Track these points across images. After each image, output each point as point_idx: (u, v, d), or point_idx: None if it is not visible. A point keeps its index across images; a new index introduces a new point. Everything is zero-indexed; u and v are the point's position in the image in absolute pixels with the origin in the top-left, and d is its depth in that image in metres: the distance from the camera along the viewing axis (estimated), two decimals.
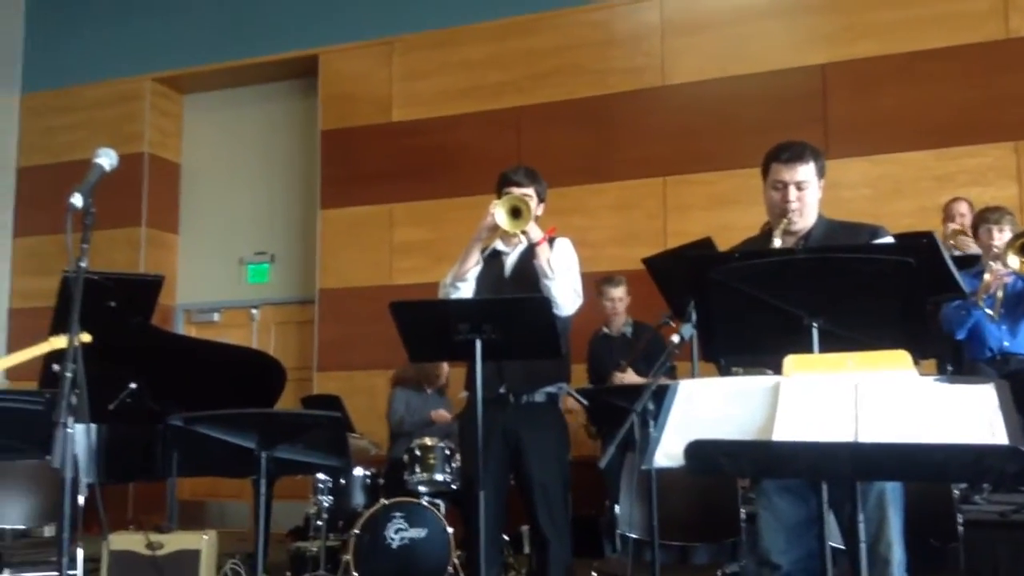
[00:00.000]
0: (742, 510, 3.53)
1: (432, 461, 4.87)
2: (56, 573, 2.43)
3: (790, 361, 1.89)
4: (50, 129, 9.06)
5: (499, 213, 3.40)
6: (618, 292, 5.40)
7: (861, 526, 2.01)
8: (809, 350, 2.27)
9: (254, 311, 8.73)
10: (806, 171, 2.82)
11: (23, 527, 4.62)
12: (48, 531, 4.80)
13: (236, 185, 8.84)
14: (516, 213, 3.41)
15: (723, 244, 3.97)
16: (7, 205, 9.10)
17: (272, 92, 8.79)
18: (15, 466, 4.52)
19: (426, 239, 7.51)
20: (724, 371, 2.90)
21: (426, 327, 3.24)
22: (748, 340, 2.50)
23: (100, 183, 2.52)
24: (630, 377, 4.95)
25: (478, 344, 3.11)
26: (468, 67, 7.68)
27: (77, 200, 2.40)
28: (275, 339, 8.55)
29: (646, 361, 4.87)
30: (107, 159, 2.59)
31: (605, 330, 5.54)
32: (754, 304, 2.37)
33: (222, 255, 8.77)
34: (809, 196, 2.83)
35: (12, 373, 4.51)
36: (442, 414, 5.53)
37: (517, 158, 6.77)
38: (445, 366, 5.75)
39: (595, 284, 5.43)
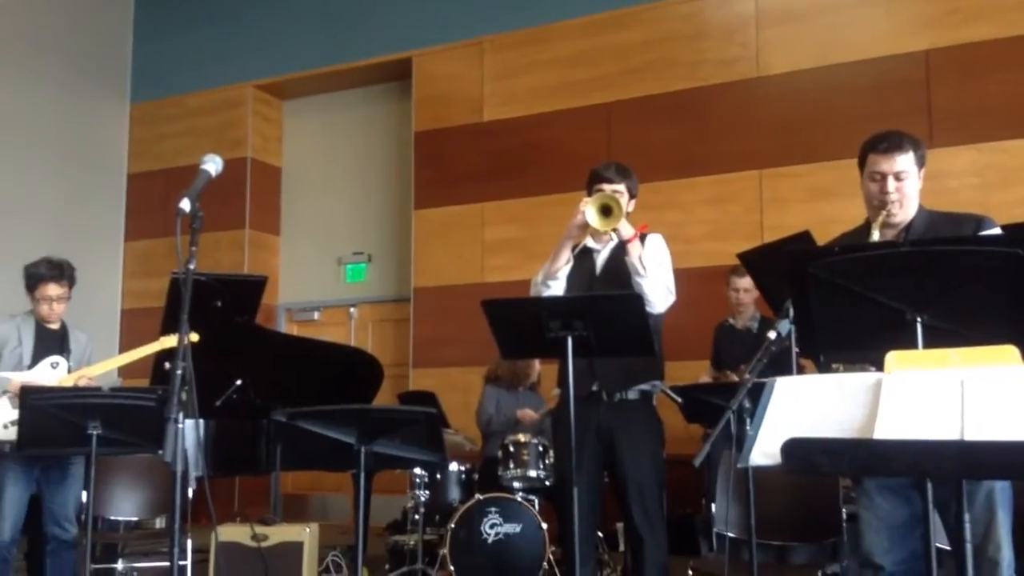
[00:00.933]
0: (844, 509, 3.44)
1: (526, 457, 4.90)
2: (167, 563, 2.49)
3: (892, 357, 1.83)
4: (158, 136, 9.46)
5: (589, 211, 3.36)
6: (744, 282, 5.19)
7: (967, 526, 1.94)
8: (912, 346, 2.19)
9: (352, 309, 8.93)
10: (905, 161, 2.73)
11: (136, 519, 4.83)
12: (159, 523, 5.00)
13: (334, 187, 9.07)
14: (607, 211, 3.36)
15: (822, 238, 3.86)
16: (118, 210, 9.55)
17: (368, 95, 8.98)
18: (129, 460, 4.74)
19: (517, 237, 7.55)
20: (823, 368, 2.84)
21: (518, 324, 3.24)
22: (848, 336, 2.43)
23: (206, 188, 2.61)
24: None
25: (569, 341, 3.10)
26: (558, 64, 7.68)
27: (185, 205, 2.49)
28: (372, 336, 8.74)
29: (773, 363, 4.73)
30: (213, 165, 2.69)
31: (731, 321, 5.43)
32: (855, 299, 2.30)
33: (321, 255, 9.01)
34: (908, 187, 2.74)
35: (125, 371, 4.72)
36: (528, 413, 5.54)
37: (608, 154, 6.75)
38: (536, 364, 5.76)
39: (723, 275, 5.38)
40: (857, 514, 2.71)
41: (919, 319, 2.23)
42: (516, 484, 4.89)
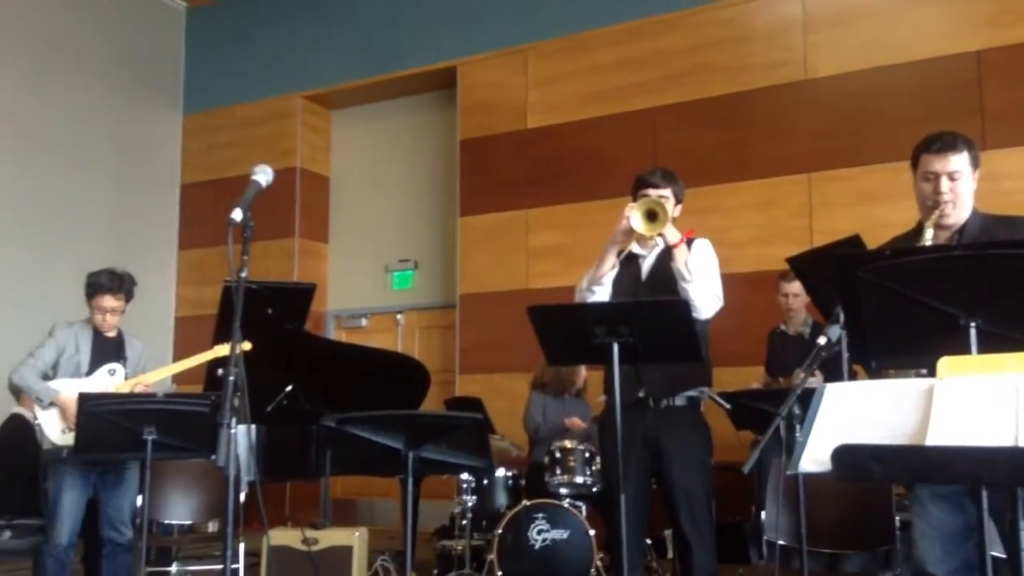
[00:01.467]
0: (897, 517, 3.39)
1: (573, 463, 4.89)
2: (220, 566, 2.53)
3: (945, 363, 1.80)
4: (209, 147, 9.65)
5: (635, 216, 3.33)
6: (793, 287, 5.13)
7: (1023, 535, 1.90)
8: (965, 351, 2.16)
9: (399, 316, 9.01)
10: (959, 161, 2.69)
11: (190, 523, 4.90)
12: (212, 526, 5.06)
13: (380, 195, 9.16)
14: (652, 216, 3.34)
15: (872, 241, 3.81)
16: (172, 220, 9.75)
17: (414, 105, 9.06)
18: (182, 465, 4.83)
19: (562, 243, 7.55)
20: (875, 374, 2.80)
21: (563, 330, 3.24)
22: (900, 341, 2.39)
23: (257, 198, 2.66)
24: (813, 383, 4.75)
25: (615, 348, 3.09)
26: (601, 71, 7.68)
27: (237, 214, 2.53)
28: (419, 343, 8.80)
29: (824, 368, 4.68)
30: (263, 175, 2.74)
31: (782, 327, 5.38)
32: (906, 304, 2.27)
33: (369, 263, 9.11)
34: (962, 188, 2.70)
35: (179, 377, 4.81)
36: (576, 422, 5.52)
37: (652, 159, 6.73)
38: (582, 370, 5.75)
39: (771, 280, 5.34)
40: (910, 522, 2.66)
41: (973, 324, 2.19)
42: (563, 490, 4.88)
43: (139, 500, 4.24)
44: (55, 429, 4.05)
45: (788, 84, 6.97)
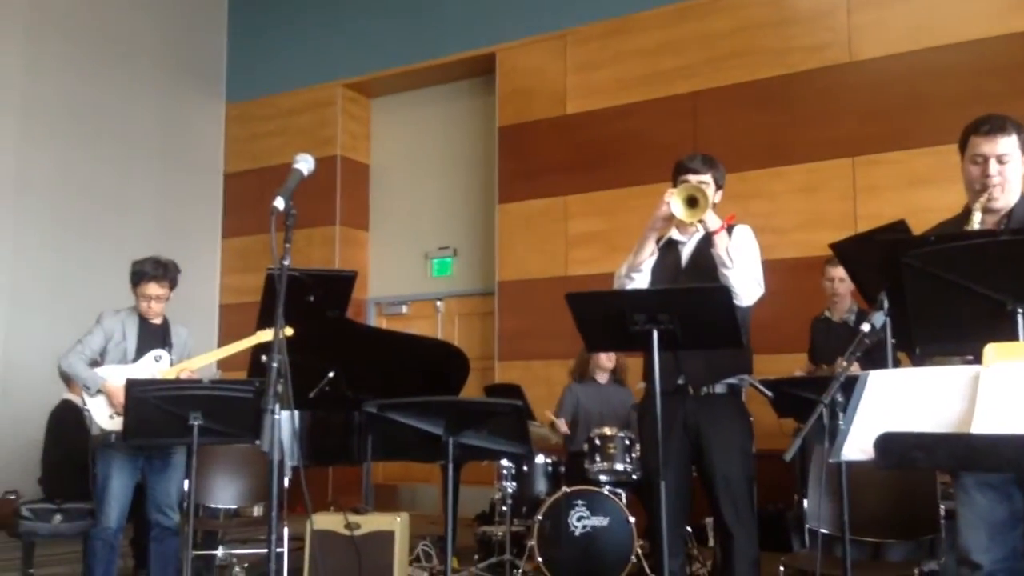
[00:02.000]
0: (941, 505, 3.33)
1: (612, 451, 4.89)
2: (265, 550, 2.57)
3: (991, 349, 1.77)
4: (252, 136, 9.76)
5: (675, 203, 3.29)
6: (839, 271, 5.00)
7: None
8: (1013, 337, 2.12)
9: (439, 303, 9.06)
10: (1008, 143, 2.64)
11: (235, 507, 4.98)
12: (257, 511, 5.14)
13: (420, 183, 9.20)
14: (692, 202, 3.29)
15: (918, 227, 3.74)
16: (216, 209, 9.89)
17: (452, 92, 9.08)
18: (228, 450, 4.91)
19: (601, 230, 7.53)
20: (919, 361, 2.75)
21: (602, 318, 3.22)
22: (945, 328, 2.36)
23: (298, 186, 2.69)
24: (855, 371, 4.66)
25: (655, 334, 3.08)
26: (642, 54, 7.62)
27: (279, 203, 2.57)
28: (458, 330, 8.84)
29: (868, 355, 4.61)
30: (305, 164, 2.76)
31: (827, 314, 5.29)
32: (952, 290, 2.24)
33: (408, 250, 9.16)
34: (1011, 171, 2.64)
35: (223, 363, 4.88)
36: (559, 425, 5.46)
37: (694, 144, 6.68)
38: (602, 356, 5.67)
39: (814, 267, 5.25)
40: (955, 511, 2.63)
41: (1020, 310, 2.15)
42: (603, 477, 4.88)
43: (186, 484, 4.33)
44: (103, 415, 4.13)
45: (832, 66, 6.86)
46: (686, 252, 3.54)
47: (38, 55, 8.26)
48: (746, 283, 3.34)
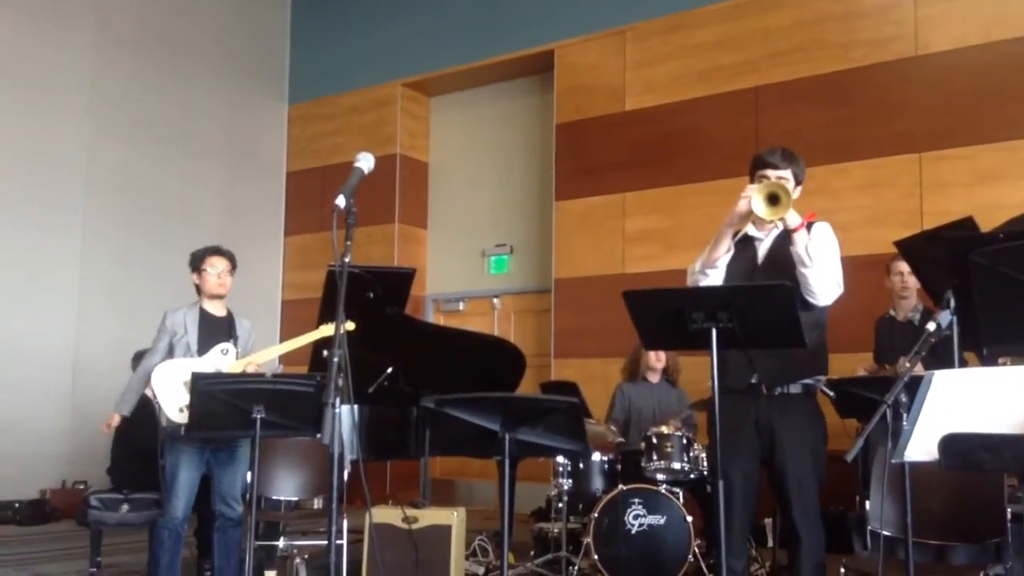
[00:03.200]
0: (1008, 509, 3.24)
1: (669, 449, 4.86)
2: (325, 542, 2.61)
3: None
4: (314, 135, 9.92)
5: (756, 200, 3.20)
6: (906, 266, 4.88)
7: None
8: None
9: (495, 300, 9.10)
10: None
11: (296, 499, 5.06)
12: (317, 503, 5.21)
13: (478, 181, 9.25)
14: (774, 199, 3.18)
15: (987, 224, 3.66)
16: (278, 207, 10.08)
17: (511, 89, 9.11)
18: (289, 443, 4.99)
19: (658, 227, 7.48)
20: (987, 361, 2.69)
21: (659, 316, 3.17)
22: (1014, 328, 2.30)
23: (359, 184, 2.73)
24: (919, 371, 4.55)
25: (714, 333, 3.04)
26: (702, 50, 7.55)
27: (341, 201, 2.62)
28: (515, 327, 8.87)
29: (934, 355, 4.50)
30: (365, 163, 2.81)
31: (891, 313, 5.20)
32: (1021, 289, 2.18)
33: (466, 247, 9.22)
34: None
35: (285, 358, 4.97)
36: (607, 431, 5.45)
37: (755, 140, 6.59)
38: (651, 356, 5.63)
39: (878, 265, 5.17)
40: (1022, 514, 2.56)
41: None
42: (660, 476, 4.86)
43: (249, 476, 4.42)
44: (173, 407, 4.23)
45: (898, 60, 6.72)
46: (763, 249, 3.47)
47: (106, 62, 8.51)
48: (825, 283, 3.27)
